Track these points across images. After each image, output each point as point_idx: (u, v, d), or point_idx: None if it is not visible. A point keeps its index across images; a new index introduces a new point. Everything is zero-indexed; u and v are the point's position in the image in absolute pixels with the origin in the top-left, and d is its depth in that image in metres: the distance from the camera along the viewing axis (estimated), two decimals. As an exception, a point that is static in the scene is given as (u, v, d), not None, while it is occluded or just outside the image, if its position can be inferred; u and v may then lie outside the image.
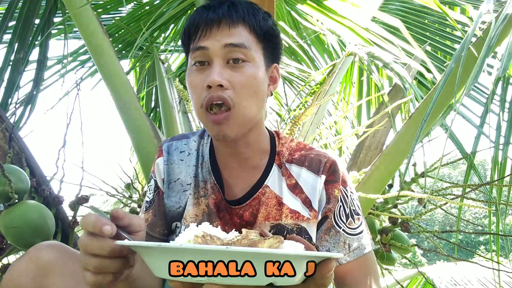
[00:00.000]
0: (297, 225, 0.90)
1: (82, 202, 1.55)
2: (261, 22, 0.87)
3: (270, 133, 1.00)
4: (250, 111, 0.85)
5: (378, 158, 1.61)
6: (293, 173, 0.94)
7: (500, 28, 1.19)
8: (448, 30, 2.31)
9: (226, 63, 0.84)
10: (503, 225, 1.87)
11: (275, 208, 0.92)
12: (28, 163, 1.54)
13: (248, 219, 0.92)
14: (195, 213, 0.95)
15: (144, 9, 2.35)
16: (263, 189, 0.93)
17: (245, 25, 0.86)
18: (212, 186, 0.95)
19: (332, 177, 0.93)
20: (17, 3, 1.93)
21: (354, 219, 0.93)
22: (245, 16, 0.86)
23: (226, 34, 0.84)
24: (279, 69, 0.95)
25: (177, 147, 1.01)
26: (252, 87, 0.84)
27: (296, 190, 0.93)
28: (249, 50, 0.84)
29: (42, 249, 0.85)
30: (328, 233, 0.91)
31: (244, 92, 0.84)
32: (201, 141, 1.01)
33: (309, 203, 0.92)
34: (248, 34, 0.86)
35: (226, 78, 0.83)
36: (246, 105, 0.84)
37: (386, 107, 1.97)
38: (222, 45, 0.83)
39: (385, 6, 2.55)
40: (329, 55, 2.84)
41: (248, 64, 0.85)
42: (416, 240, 10.50)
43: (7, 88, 1.89)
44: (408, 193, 1.52)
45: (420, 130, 1.09)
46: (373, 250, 0.96)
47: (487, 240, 20.23)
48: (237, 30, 0.85)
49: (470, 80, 1.03)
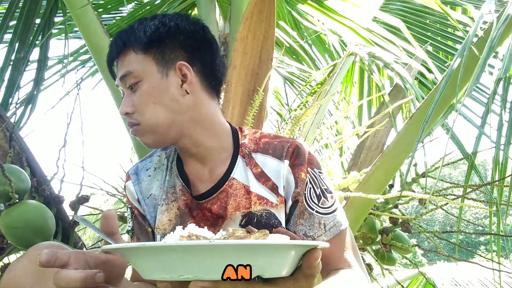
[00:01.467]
0: (266, 210, 0.91)
1: (82, 201, 1.55)
2: (140, 37, 0.92)
3: (233, 127, 1.02)
4: (156, 120, 0.91)
5: (379, 158, 1.60)
6: (258, 162, 0.96)
7: (501, 28, 1.19)
8: (449, 30, 2.31)
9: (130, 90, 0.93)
10: (503, 226, 1.87)
11: (245, 197, 0.93)
12: (28, 163, 1.54)
13: (217, 212, 0.94)
14: (168, 219, 0.97)
15: (145, 9, 2.35)
16: (230, 181, 0.95)
17: (129, 49, 0.92)
18: (181, 188, 0.98)
19: (297, 160, 0.94)
20: (17, 2, 1.93)
21: (327, 198, 0.93)
22: (126, 41, 0.93)
23: (120, 68, 0.94)
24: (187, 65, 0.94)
25: (142, 167, 1.05)
26: (149, 99, 0.91)
27: (262, 179, 0.94)
28: (135, 72, 0.91)
29: (41, 250, 0.84)
30: (302, 216, 0.92)
31: (144, 107, 0.91)
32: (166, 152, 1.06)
33: (276, 189, 0.93)
34: (135, 55, 0.92)
35: (131, 104, 0.92)
36: (150, 116, 0.91)
37: (387, 107, 1.97)
38: (119, 79, 0.93)
39: (386, 6, 2.55)
40: (330, 55, 2.84)
41: (140, 83, 0.91)
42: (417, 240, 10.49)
43: (7, 87, 1.89)
44: (409, 193, 1.52)
45: (422, 130, 1.09)
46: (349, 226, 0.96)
47: (487, 240, 20.22)
48: (125, 58, 0.93)
49: (471, 81, 1.03)
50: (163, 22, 0.94)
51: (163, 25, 0.93)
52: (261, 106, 1.44)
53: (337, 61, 2.28)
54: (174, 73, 0.93)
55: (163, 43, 0.93)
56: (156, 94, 0.91)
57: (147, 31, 0.92)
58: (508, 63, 1.08)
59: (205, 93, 0.96)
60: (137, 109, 0.92)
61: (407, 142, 1.55)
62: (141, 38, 0.92)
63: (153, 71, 0.92)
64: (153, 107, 0.91)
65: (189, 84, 0.93)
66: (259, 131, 1.03)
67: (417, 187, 1.94)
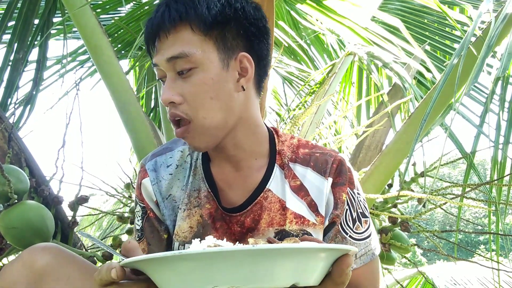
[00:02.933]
0: (302, 230, 0.84)
1: (81, 202, 1.55)
2: (204, 14, 0.76)
3: (269, 130, 0.92)
4: (211, 119, 0.78)
5: (378, 158, 1.61)
6: (297, 174, 0.87)
7: (499, 27, 1.19)
8: (447, 30, 2.31)
9: (178, 75, 0.78)
10: (503, 225, 1.87)
11: (279, 213, 0.85)
12: (27, 163, 1.53)
13: (250, 226, 0.85)
14: (189, 225, 0.87)
15: (144, 9, 2.34)
16: (265, 193, 0.86)
17: (185, 25, 0.77)
18: (206, 195, 0.88)
19: (339, 179, 0.87)
20: (16, 3, 1.93)
21: (361, 223, 0.87)
22: (182, 15, 0.77)
23: (167, 45, 0.77)
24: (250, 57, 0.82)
25: (162, 162, 0.92)
26: (206, 93, 0.77)
27: (302, 193, 0.86)
28: (192, 55, 0.76)
29: (36, 253, 0.81)
30: (335, 239, 0.86)
31: (198, 102, 0.77)
32: (189, 147, 0.93)
33: (315, 207, 0.85)
34: (191, 35, 0.77)
35: (178, 92, 0.77)
36: (205, 115, 0.78)
37: (385, 106, 1.97)
38: (166, 59, 0.77)
39: (385, 6, 2.55)
40: (328, 54, 2.84)
41: (196, 70, 0.77)
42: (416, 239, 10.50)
43: (6, 88, 1.88)
44: (408, 193, 1.52)
45: (420, 129, 1.09)
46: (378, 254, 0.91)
47: (487, 239, 20.24)
48: (178, 35, 0.77)
49: (470, 80, 1.03)
50: (229, 2, 0.79)
51: (229, 5, 0.79)
52: (260, 106, 1.43)
53: (335, 61, 2.28)
54: (234, 64, 0.80)
55: (228, 26, 0.79)
56: (215, 87, 0.77)
57: (211, 9, 0.77)
58: (507, 62, 1.08)
59: (254, 90, 0.86)
60: (188, 100, 0.77)
61: (406, 141, 1.55)
62: (204, 16, 0.76)
63: (214, 58, 0.78)
64: (209, 103, 0.77)
65: (247, 79, 0.82)
66: (295, 137, 0.93)
67: (416, 186, 1.94)
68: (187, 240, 0.87)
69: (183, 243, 0.87)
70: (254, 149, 0.88)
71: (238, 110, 0.82)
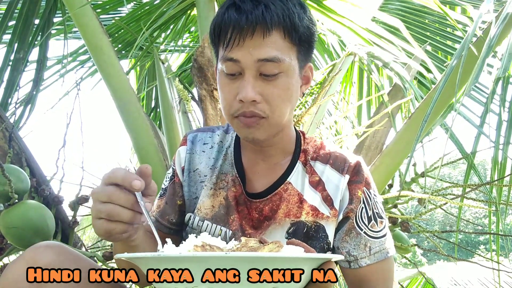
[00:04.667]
0: (315, 222, 0.89)
1: (82, 202, 1.55)
2: (297, 25, 0.80)
3: (297, 132, 0.99)
4: (283, 117, 0.85)
5: (378, 158, 1.61)
6: (317, 170, 0.93)
7: (500, 27, 1.19)
8: (448, 30, 2.31)
9: (259, 75, 0.81)
10: (503, 225, 1.87)
11: (297, 205, 0.91)
12: (28, 163, 1.54)
13: (267, 214, 0.92)
14: (212, 204, 0.95)
15: (144, 9, 2.34)
16: (286, 185, 0.92)
17: (280, 31, 0.79)
18: (234, 179, 0.95)
19: (356, 177, 0.91)
20: (17, 3, 1.93)
21: (377, 222, 0.91)
22: (281, 20, 0.79)
23: (259, 45, 0.78)
24: (312, 67, 0.91)
25: (201, 138, 1.01)
26: (285, 96, 0.83)
27: (319, 187, 0.92)
28: (282, 62, 0.80)
29: (39, 251, 0.82)
30: (349, 234, 0.90)
31: (278, 104, 0.82)
32: (226, 135, 1.01)
33: (330, 201, 0.90)
34: (282, 40, 0.80)
35: (259, 92, 0.80)
36: (279, 114, 0.83)
37: (386, 107, 1.98)
38: (255, 59, 0.79)
39: (385, 6, 2.55)
40: (329, 55, 2.84)
41: (281, 74, 0.81)
42: (416, 240, 10.50)
43: (7, 88, 1.89)
44: (408, 193, 1.52)
45: (421, 130, 1.09)
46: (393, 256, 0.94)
47: (487, 240, 20.23)
48: (271, 38, 0.79)
49: (470, 81, 1.03)
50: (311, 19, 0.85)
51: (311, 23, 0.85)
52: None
53: (336, 61, 2.28)
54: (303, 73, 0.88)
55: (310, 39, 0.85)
56: (292, 92, 0.84)
57: (303, 21, 0.82)
58: (507, 63, 1.08)
59: None
60: (268, 100, 0.81)
61: (406, 142, 1.55)
62: (298, 26, 0.80)
63: (295, 67, 0.83)
64: (286, 105, 0.84)
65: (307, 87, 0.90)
66: (319, 140, 1.00)
67: (416, 186, 1.94)
68: (207, 217, 0.94)
69: (203, 219, 0.94)
70: (284, 147, 0.95)
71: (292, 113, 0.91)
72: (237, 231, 0.92)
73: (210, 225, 0.94)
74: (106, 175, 0.68)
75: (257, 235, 0.91)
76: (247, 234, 0.92)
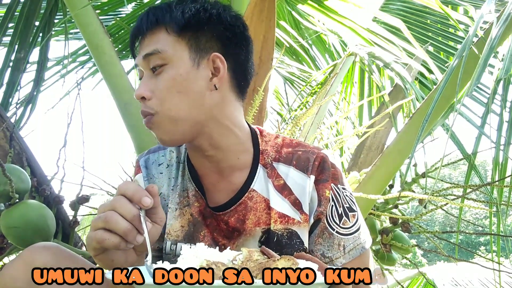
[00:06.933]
0: (287, 229, 0.86)
1: (82, 201, 1.55)
2: (177, 17, 0.83)
3: (252, 130, 0.93)
4: (177, 112, 0.82)
5: (379, 159, 1.60)
6: (281, 173, 0.89)
7: (502, 28, 1.19)
8: (450, 31, 2.31)
9: (152, 73, 0.83)
10: (503, 226, 1.87)
11: (265, 212, 0.87)
12: (29, 162, 1.54)
13: (234, 226, 0.88)
14: (180, 225, 0.91)
15: (145, 9, 2.34)
16: (250, 193, 0.88)
17: (161, 27, 0.83)
18: (194, 194, 0.92)
19: (322, 175, 0.87)
20: (17, 3, 1.93)
21: (348, 217, 0.88)
22: (159, 18, 0.84)
23: (145, 45, 0.84)
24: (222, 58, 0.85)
25: (154, 160, 0.97)
26: (174, 87, 0.82)
27: (285, 192, 0.87)
28: (164, 52, 0.82)
29: (36, 252, 0.82)
30: (322, 236, 0.87)
31: (164, 95, 0.82)
32: (180, 148, 0.97)
33: (299, 205, 0.87)
34: (166, 35, 0.83)
35: (151, 88, 0.82)
36: (170, 107, 0.81)
37: (387, 107, 1.97)
38: (142, 57, 0.84)
39: (386, 6, 2.54)
40: (330, 55, 2.84)
41: (166, 66, 0.82)
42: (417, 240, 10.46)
43: (7, 88, 1.89)
44: (408, 194, 1.52)
45: (422, 130, 1.08)
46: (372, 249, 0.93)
47: (487, 240, 20.20)
48: (155, 36, 0.83)
49: (472, 81, 1.03)
50: (204, 8, 0.86)
51: (204, 10, 0.85)
52: (261, 106, 1.44)
53: (337, 61, 2.28)
54: (206, 64, 0.85)
55: (201, 29, 0.84)
56: (183, 82, 0.82)
57: (186, 12, 0.84)
58: (509, 64, 1.08)
59: (232, 92, 0.88)
60: (156, 95, 0.82)
61: (407, 142, 1.55)
62: (178, 19, 0.83)
63: (184, 56, 0.83)
64: (176, 96, 0.82)
65: (219, 79, 0.85)
66: (280, 136, 0.95)
67: (417, 187, 1.94)
68: (179, 239, 0.91)
69: (175, 242, 0.91)
70: (234, 148, 0.89)
71: (209, 109, 0.85)
72: (211, 245, 0.89)
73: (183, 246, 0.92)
74: (118, 187, 0.68)
75: (231, 245, 0.89)
76: (221, 245, 0.89)
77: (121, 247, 0.66)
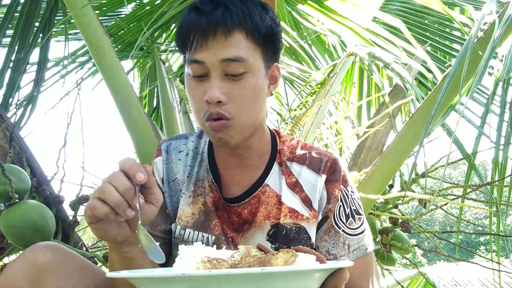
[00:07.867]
0: (296, 224, 0.90)
1: (82, 201, 1.55)
2: (259, 24, 0.82)
3: (271, 132, 0.99)
4: (249, 119, 0.85)
5: (379, 159, 1.61)
6: (293, 172, 0.94)
7: (502, 29, 1.19)
8: (447, 30, 2.31)
9: (225, 75, 0.81)
10: (503, 226, 1.87)
11: (275, 207, 0.91)
12: (28, 162, 1.54)
13: (247, 217, 0.92)
14: (192, 212, 0.95)
15: (145, 9, 2.34)
16: (263, 187, 0.93)
17: (242, 30, 0.81)
18: (210, 184, 0.95)
19: (333, 176, 0.92)
20: (17, 3, 1.93)
21: (354, 219, 0.92)
22: (241, 20, 0.80)
23: (222, 46, 0.79)
24: (279, 67, 0.91)
25: (175, 146, 1.00)
26: (253, 97, 0.83)
27: (296, 189, 0.92)
28: (247, 61, 0.81)
29: (38, 251, 0.83)
30: (328, 233, 0.91)
31: (244, 104, 0.82)
32: (200, 141, 1.00)
33: (309, 203, 0.91)
34: (245, 40, 0.81)
35: (225, 92, 0.81)
36: (246, 115, 0.83)
37: (386, 107, 1.97)
38: (219, 59, 0.80)
39: (386, 6, 2.54)
40: (330, 55, 2.84)
41: (247, 74, 0.82)
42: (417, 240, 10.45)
43: (7, 88, 1.89)
44: (409, 194, 1.52)
45: (425, 131, 1.09)
46: (373, 250, 0.96)
47: (487, 240, 20.21)
48: (234, 38, 0.80)
49: (473, 82, 1.03)
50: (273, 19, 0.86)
51: (274, 23, 0.86)
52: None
53: (337, 61, 2.28)
54: (270, 73, 0.89)
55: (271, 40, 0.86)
56: (260, 92, 0.84)
57: (265, 21, 0.83)
58: (510, 65, 1.08)
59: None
60: (235, 101, 0.82)
61: (406, 142, 1.55)
62: (260, 26, 0.82)
63: (261, 66, 0.85)
64: (253, 105, 0.84)
65: (275, 86, 0.90)
66: (295, 139, 1.00)
67: (417, 187, 1.94)
68: (188, 225, 0.94)
69: (184, 227, 0.94)
70: (260, 148, 0.94)
71: (262, 115, 0.90)
72: (220, 235, 0.92)
73: (192, 232, 0.94)
74: (119, 162, 0.69)
75: (239, 238, 0.92)
76: (229, 238, 0.92)
77: (111, 217, 0.67)
